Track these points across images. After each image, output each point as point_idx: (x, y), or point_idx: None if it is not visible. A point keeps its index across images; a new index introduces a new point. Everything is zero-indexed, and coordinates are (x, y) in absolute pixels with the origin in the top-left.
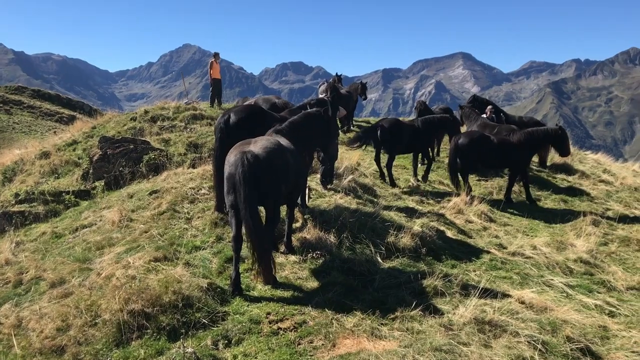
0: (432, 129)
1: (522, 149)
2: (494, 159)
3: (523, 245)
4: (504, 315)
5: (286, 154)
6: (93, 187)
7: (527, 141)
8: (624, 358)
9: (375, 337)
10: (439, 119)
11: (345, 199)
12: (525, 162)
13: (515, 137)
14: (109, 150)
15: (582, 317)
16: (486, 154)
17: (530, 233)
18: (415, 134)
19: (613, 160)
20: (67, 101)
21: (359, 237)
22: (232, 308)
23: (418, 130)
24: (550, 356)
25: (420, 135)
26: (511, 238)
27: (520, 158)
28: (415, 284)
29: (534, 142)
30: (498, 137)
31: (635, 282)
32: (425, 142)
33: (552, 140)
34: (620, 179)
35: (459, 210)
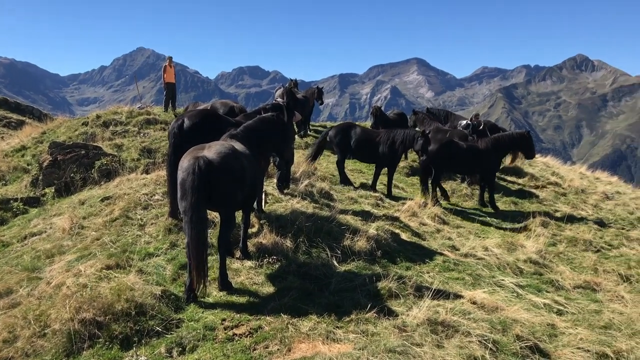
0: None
1: (490, 155)
2: (463, 164)
3: (475, 247)
4: (457, 316)
5: (241, 159)
6: (43, 193)
7: (494, 147)
8: (570, 355)
9: (330, 340)
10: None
11: (302, 204)
12: (495, 167)
13: (483, 143)
14: (59, 156)
15: (531, 316)
16: (455, 159)
17: (482, 235)
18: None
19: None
20: (15, 105)
21: (316, 241)
22: (187, 315)
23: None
24: (501, 355)
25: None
26: (464, 240)
27: (489, 163)
28: (371, 287)
29: (502, 147)
30: (467, 143)
31: (582, 281)
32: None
33: (519, 144)
34: (568, 181)
35: (414, 213)
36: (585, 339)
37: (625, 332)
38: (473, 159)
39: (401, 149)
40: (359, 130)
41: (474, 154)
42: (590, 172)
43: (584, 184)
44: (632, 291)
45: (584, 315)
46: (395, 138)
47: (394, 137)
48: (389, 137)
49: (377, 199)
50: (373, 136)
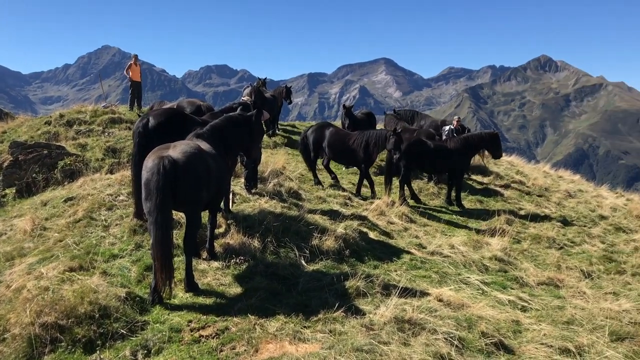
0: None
1: (460, 154)
2: (433, 163)
3: (442, 245)
4: (423, 314)
5: (207, 159)
6: (3, 195)
7: (464, 146)
8: (534, 350)
9: (298, 340)
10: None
11: (270, 203)
12: (464, 167)
13: (453, 143)
14: (20, 155)
15: (496, 312)
16: (424, 158)
17: (449, 233)
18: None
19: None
20: None
21: (284, 241)
22: (152, 317)
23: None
24: (466, 351)
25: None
26: (430, 238)
27: (459, 163)
28: (339, 286)
29: (471, 146)
30: (436, 143)
31: (545, 278)
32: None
33: (488, 144)
34: (532, 180)
35: (381, 212)
36: (548, 334)
37: (587, 327)
38: (442, 159)
39: (376, 150)
40: (334, 130)
41: (443, 153)
42: (553, 171)
43: (547, 183)
44: (594, 287)
45: (548, 311)
46: (369, 139)
47: (367, 138)
48: (363, 139)
49: (346, 198)
50: (348, 138)
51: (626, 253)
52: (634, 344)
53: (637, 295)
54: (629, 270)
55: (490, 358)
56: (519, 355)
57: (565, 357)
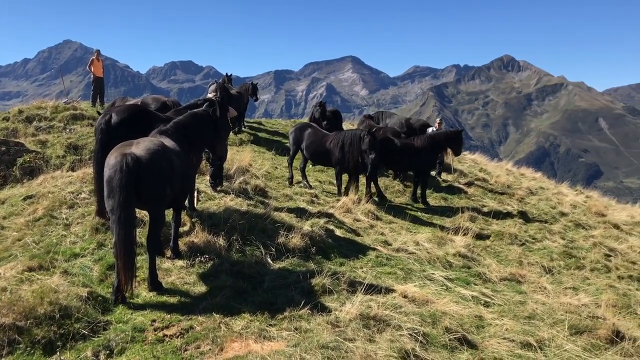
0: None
1: (427, 152)
2: (400, 161)
3: (407, 242)
4: (388, 310)
5: (171, 156)
6: None
7: (431, 144)
8: (496, 345)
9: (263, 338)
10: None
11: (236, 201)
12: (431, 165)
13: (420, 141)
14: None
15: (460, 308)
16: (392, 156)
17: (414, 230)
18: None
19: (489, 159)
20: None
21: (249, 239)
22: (115, 317)
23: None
24: (431, 347)
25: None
26: (396, 235)
27: (426, 161)
28: (305, 283)
29: (438, 144)
30: (404, 141)
31: (508, 274)
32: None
33: (452, 142)
34: (495, 178)
35: (348, 210)
36: (510, 329)
37: (548, 321)
38: (410, 156)
39: (351, 150)
40: (312, 132)
41: (410, 151)
42: (516, 169)
43: (510, 180)
44: (554, 282)
45: (510, 306)
46: (344, 140)
47: (343, 139)
48: (339, 140)
49: (312, 195)
50: (325, 138)
51: (585, 249)
52: (592, 337)
53: (595, 290)
54: (587, 265)
55: (454, 353)
56: (482, 350)
57: (526, 351)
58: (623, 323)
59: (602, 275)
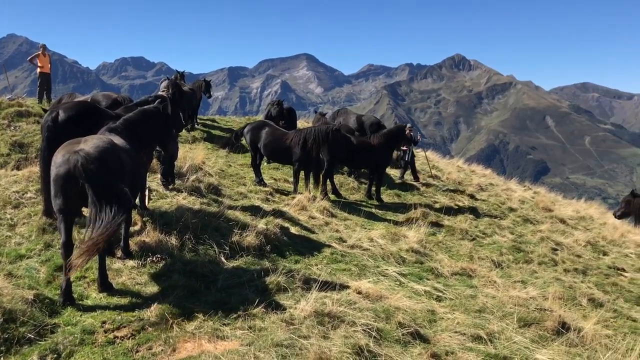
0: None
1: (383, 149)
2: (357, 158)
3: (361, 238)
4: (343, 306)
5: (120, 154)
6: None
7: (386, 141)
8: (448, 338)
9: (217, 338)
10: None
11: (189, 200)
12: (387, 161)
13: (376, 139)
14: None
15: (413, 303)
16: (349, 154)
17: (368, 226)
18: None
19: (441, 157)
20: None
21: (203, 238)
22: (63, 319)
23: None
24: (384, 342)
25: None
26: (351, 232)
27: (382, 158)
28: (259, 282)
29: (393, 141)
30: (359, 139)
31: (459, 268)
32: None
33: (405, 138)
34: (446, 174)
35: (303, 207)
36: (461, 323)
37: (497, 314)
38: (367, 154)
39: (315, 146)
40: (269, 130)
41: (367, 148)
42: (466, 166)
43: (461, 177)
44: (503, 276)
45: (461, 300)
46: (307, 137)
47: (305, 136)
48: (301, 137)
49: (267, 193)
50: (284, 137)
51: (533, 243)
52: (540, 328)
53: (542, 283)
54: (535, 259)
55: (407, 348)
56: (434, 343)
57: (477, 344)
58: (569, 314)
59: (549, 269)
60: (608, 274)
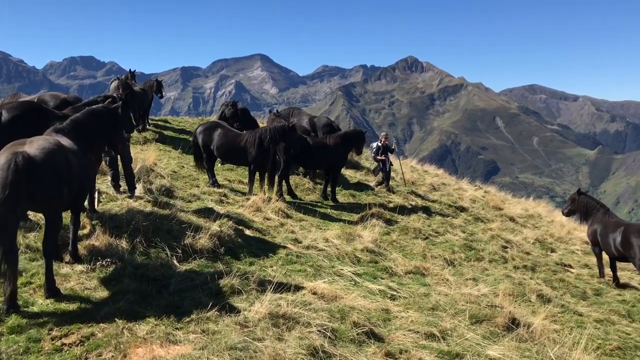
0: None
1: (339, 150)
2: (312, 159)
3: (316, 239)
4: (298, 307)
5: (67, 155)
6: None
7: (342, 142)
8: (402, 337)
9: (169, 342)
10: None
11: (140, 202)
12: (342, 162)
13: (332, 139)
14: None
15: (367, 302)
16: (305, 154)
17: (323, 227)
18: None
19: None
20: None
21: (154, 241)
22: (7, 327)
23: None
24: (339, 342)
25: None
26: (306, 232)
27: (338, 159)
28: (213, 285)
29: (349, 142)
30: (315, 139)
31: (413, 267)
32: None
33: (359, 139)
34: (400, 175)
35: (258, 208)
36: (415, 321)
37: (450, 312)
38: (322, 154)
39: (272, 146)
40: (222, 132)
41: (323, 149)
42: (420, 166)
43: (414, 177)
44: (456, 274)
45: (415, 298)
46: (263, 136)
47: (261, 135)
48: (256, 137)
49: (221, 195)
50: (238, 138)
51: (484, 241)
52: (491, 325)
53: (493, 280)
54: (486, 257)
55: (362, 347)
56: (389, 342)
57: (430, 341)
58: (518, 310)
59: (499, 266)
60: (556, 271)
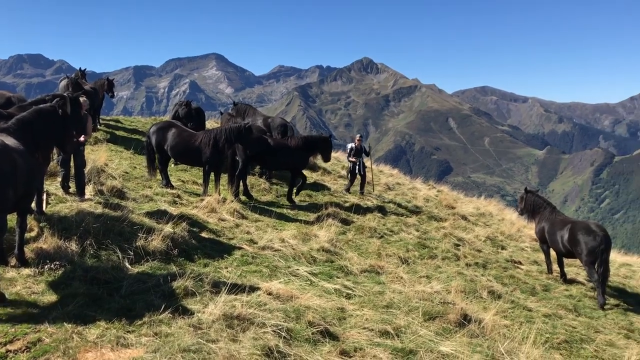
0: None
1: (300, 152)
2: (273, 160)
3: (272, 239)
4: (252, 308)
5: (12, 155)
6: None
7: (304, 145)
8: (357, 335)
9: (120, 346)
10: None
11: (90, 203)
12: (304, 164)
13: (294, 141)
14: None
15: (323, 301)
16: (266, 155)
17: (280, 227)
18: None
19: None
20: None
21: (105, 243)
22: None
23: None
24: (294, 342)
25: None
26: (262, 233)
27: (299, 160)
28: (166, 287)
29: (311, 145)
30: (276, 141)
31: (368, 265)
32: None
33: (323, 146)
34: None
35: (213, 209)
36: (370, 319)
37: (404, 309)
38: (284, 155)
39: (228, 146)
40: (176, 132)
41: (284, 150)
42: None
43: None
44: (410, 272)
45: (370, 297)
46: (218, 137)
47: (216, 135)
48: (211, 137)
49: (175, 196)
50: (193, 138)
51: (437, 239)
52: (444, 321)
53: (446, 277)
54: (439, 254)
55: (317, 346)
56: (343, 340)
57: (385, 339)
58: (470, 307)
59: (452, 264)
60: (506, 267)
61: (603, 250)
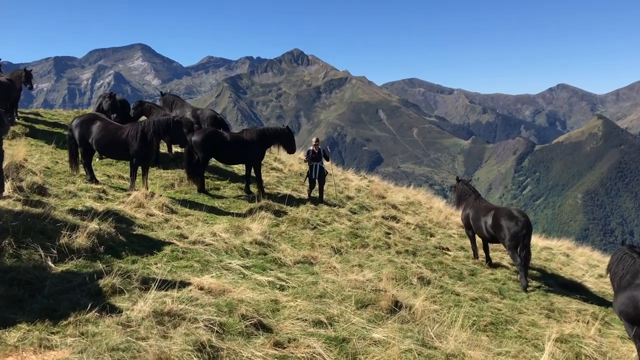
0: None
1: (255, 145)
2: (228, 154)
3: (204, 234)
4: (184, 304)
5: None
6: None
7: (259, 138)
8: (290, 325)
9: (44, 348)
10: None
11: (8, 201)
12: (260, 158)
13: (249, 135)
14: None
15: (256, 294)
16: (220, 150)
17: (211, 221)
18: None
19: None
20: None
21: (26, 242)
22: None
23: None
24: (227, 336)
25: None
26: (192, 227)
27: (254, 154)
28: (92, 285)
29: (266, 139)
30: (231, 135)
31: (301, 257)
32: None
33: (281, 138)
34: (288, 166)
35: (140, 204)
36: (303, 309)
37: (337, 298)
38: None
39: (156, 139)
40: (101, 125)
41: (239, 144)
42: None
43: (302, 168)
44: (342, 261)
45: (303, 287)
46: (146, 129)
47: (143, 128)
48: (138, 130)
49: (100, 191)
50: (119, 131)
51: (369, 229)
52: (376, 308)
53: (377, 266)
54: (371, 243)
55: (250, 339)
56: (277, 332)
57: (318, 328)
58: (401, 293)
59: (383, 252)
60: (435, 254)
61: (525, 235)
